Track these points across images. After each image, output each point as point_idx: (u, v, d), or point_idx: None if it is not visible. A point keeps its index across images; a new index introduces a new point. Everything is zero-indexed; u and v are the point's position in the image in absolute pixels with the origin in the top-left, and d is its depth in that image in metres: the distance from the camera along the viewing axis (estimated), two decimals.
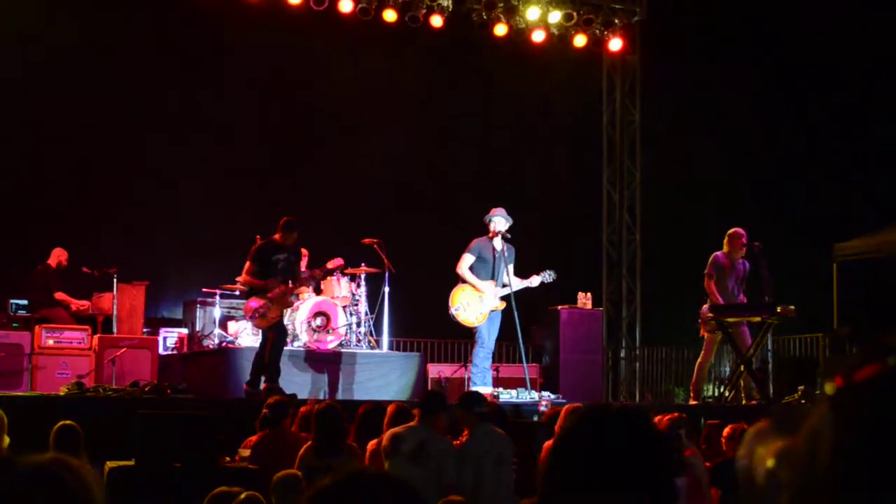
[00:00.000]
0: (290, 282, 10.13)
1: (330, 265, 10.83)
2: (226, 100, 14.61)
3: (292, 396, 9.52)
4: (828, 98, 15.34)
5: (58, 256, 12.02)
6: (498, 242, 10.66)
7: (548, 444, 6.89)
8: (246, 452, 7.16)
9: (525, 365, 10.96)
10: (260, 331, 10.53)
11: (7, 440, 6.30)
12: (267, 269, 10.01)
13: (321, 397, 10.49)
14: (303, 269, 12.00)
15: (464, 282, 10.66)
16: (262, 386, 9.80)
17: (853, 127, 15.22)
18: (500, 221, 10.66)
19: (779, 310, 10.56)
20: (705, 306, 11.14)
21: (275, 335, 10.03)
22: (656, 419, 6.49)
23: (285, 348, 11.33)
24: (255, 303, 9.94)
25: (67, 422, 6.39)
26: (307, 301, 11.80)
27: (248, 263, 10.11)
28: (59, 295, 11.81)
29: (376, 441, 6.65)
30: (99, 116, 13.95)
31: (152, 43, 14.04)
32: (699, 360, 11.49)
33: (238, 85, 14.75)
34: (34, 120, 13.52)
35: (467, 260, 10.65)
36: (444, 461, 6.26)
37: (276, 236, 10.10)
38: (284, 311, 10.38)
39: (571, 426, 1.57)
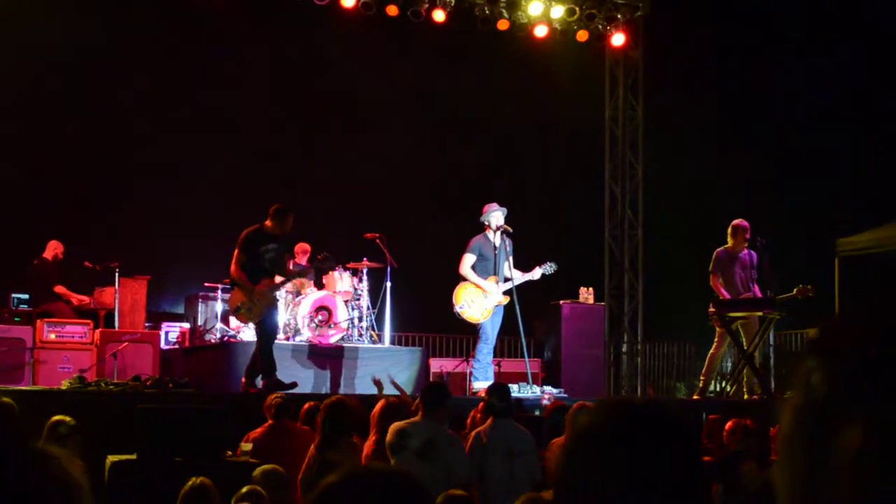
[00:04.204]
0: (276, 276, 9.82)
1: (316, 260, 10.75)
2: (227, 93, 14.58)
3: (292, 385, 9.52)
4: (831, 91, 15.31)
5: (54, 249, 11.99)
6: (497, 237, 10.64)
7: (556, 441, 6.88)
8: (248, 446, 7.17)
9: (527, 360, 10.96)
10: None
11: None
12: (256, 261, 9.61)
13: (324, 392, 10.49)
14: (304, 264, 11.99)
15: (466, 280, 10.66)
16: (261, 382, 9.75)
17: (856, 121, 15.19)
18: (497, 216, 10.63)
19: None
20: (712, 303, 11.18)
21: (261, 331, 9.81)
22: None
23: (287, 343, 11.35)
24: (239, 297, 9.69)
25: (58, 417, 6.40)
26: (309, 296, 11.80)
27: (237, 253, 9.67)
28: (59, 289, 11.80)
29: (373, 438, 6.63)
30: (99, 110, 13.95)
31: (152, 38, 14.02)
32: (711, 350, 11.51)
33: (239, 79, 14.72)
34: (34, 114, 13.50)
35: (469, 260, 10.63)
36: (454, 457, 6.21)
37: (267, 223, 9.68)
38: (272, 306, 9.96)
39: (589, 422, 1.45)
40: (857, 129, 15.25)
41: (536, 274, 10.87)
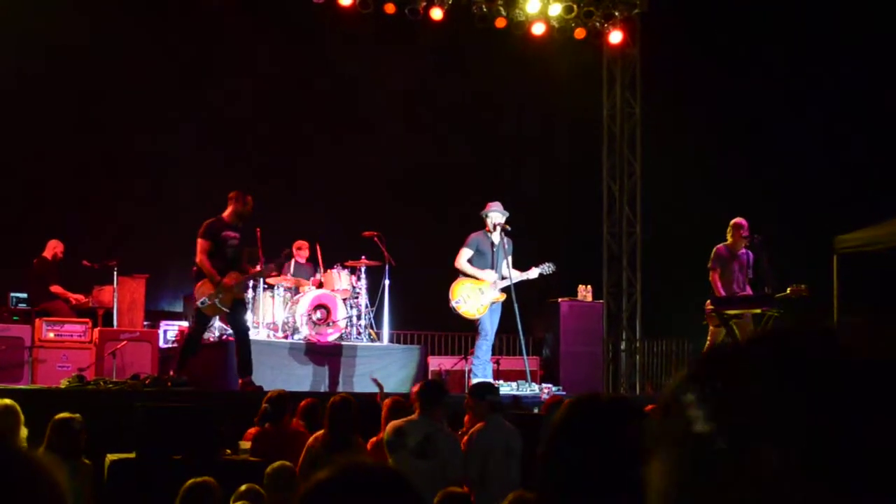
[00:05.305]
0: (241, 272, 9.84)
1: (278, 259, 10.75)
2: (225, 92, 14.57)
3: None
4: (828, 89, 15.31)
5: (53, 248, 11.99)
6: (496, 236, 10.67)
7: None
8: (246, 445, 7.18)
9: (525, 357, 10.98)
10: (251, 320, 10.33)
11: (25, 431, 6.33)
12: (219, 248, 9.64)
13: (322, 390, 10.50)
14: (303, 262, 12.03)
15: (463, 275, 10.68)
16: (239, 381, 9.77)
17: (854, 118, 15.18)
18: (496, 216, 10.68)
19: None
20: (709, 300, 11.18)
21: (235, 332, 9.90)
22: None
23: (285, 341, 11.37)
24: (207, 289, 9.66)
25: (65, 414, 6.39)
26: (307, 294, 11.80)
27: (200, 241, 9.67)
28: (55, 288, 11.79)
29: (379, 435, 6.64)
30: (98, 110, 13.93)
31: (152, 36, 14.01)
32: (704, 349, 11.51)
33: (237, 78, 14.71)
34: (35, 113, 13.49)
35: (465, 254, 10.68)
36: (451, 454, 6.22)
37: (224, 214, 9.73)
38: (240, 302, 10.00)
39: (559, 423, 1.48)
40: (856, 127, 15.24)
41: (534, 273, 10.90)
